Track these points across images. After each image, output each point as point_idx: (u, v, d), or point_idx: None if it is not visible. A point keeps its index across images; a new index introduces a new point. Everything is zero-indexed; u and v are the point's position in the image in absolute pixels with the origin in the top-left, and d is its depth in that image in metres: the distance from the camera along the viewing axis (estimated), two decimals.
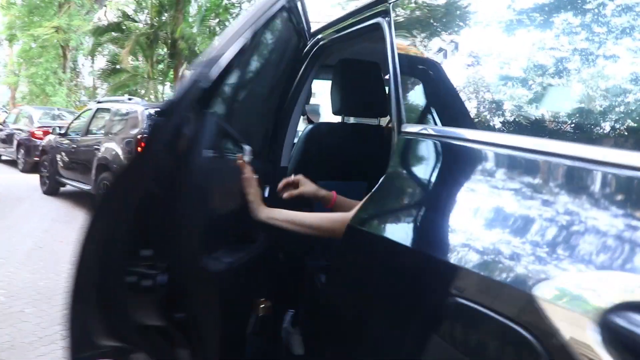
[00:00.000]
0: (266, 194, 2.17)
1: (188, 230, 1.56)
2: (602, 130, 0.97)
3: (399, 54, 1.50)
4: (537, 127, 1.08)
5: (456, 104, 1.33)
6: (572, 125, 1.03)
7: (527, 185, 0.93)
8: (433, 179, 1.18)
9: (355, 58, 2.65)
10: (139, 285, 1.52)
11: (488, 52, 1.34)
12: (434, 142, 1.27)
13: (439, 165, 1.21)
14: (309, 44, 2.45)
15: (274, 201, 2.11)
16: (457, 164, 1.14)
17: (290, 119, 2.50)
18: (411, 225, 1.14)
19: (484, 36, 1.39)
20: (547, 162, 0.94)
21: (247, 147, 1.89)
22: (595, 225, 0.79)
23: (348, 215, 1.65)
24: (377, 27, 1.73)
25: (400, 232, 1.15)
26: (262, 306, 2.00)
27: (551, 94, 1.10)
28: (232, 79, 1.88)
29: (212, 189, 1.65)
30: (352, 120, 3.14)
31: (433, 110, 1.41)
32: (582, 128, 1.01)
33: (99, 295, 1.51)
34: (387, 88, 2.20)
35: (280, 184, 2.10)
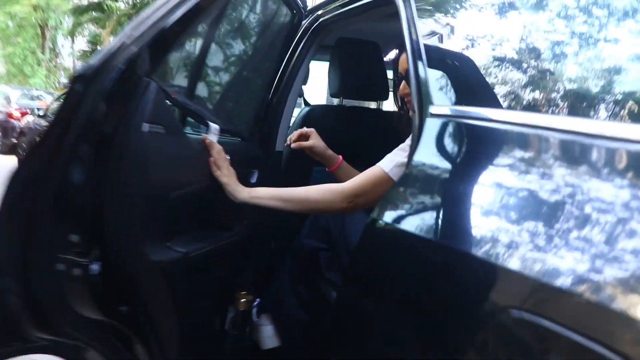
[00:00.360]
0: (253, 180, 2.03)
1: (122, 215, 1.39)
2: None
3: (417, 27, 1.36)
4: (596, 109, 0.95)
5: (487, 82, 1.20)
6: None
7: (596, 174, 0.80)
8: (476, 167, 1.04)
9: (354, 37, 2.51)
10: (69, 273, 1.36)
11: (526, 21, 1.20)
12: (473, 124, 1.13)
13: (481, 151, 1.07)
14: (307, 20, 2.30)
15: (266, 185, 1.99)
16: (503, 150, 1.01)
17: (285, 101, 2.35)
18: (453, 221, 1.00)
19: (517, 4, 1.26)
20: (614, 149, 0.81)
21: (214, 126, 1.69)
22: None
23: (348, 186, 1.59)
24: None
25: (440, 229, 1.01)
26: (242, 300, 1.88)
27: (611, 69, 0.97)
28: (194, 49, 1.76)
29: (156, 169, 1.44)
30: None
31: (463, 89, 1.27)
32: None
33: (26, 281, 1.36)
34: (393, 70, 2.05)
35: (294, 135, 2.03)
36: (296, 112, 2.62)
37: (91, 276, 1.36)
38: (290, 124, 2.50)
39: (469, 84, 1.25)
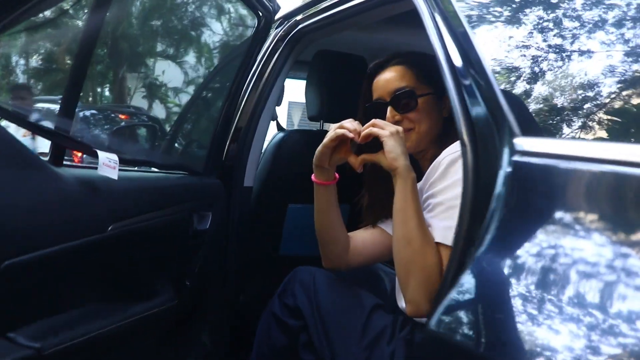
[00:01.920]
0: (206, 225, 1.60)
1: None
2: None
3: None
4: None
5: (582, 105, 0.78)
6: None
7: None
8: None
9: (335, 51, 2.10)
10: None
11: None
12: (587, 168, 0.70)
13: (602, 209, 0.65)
14: (282, 27, 1.88)
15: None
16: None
17: (255, 126, 1.90)
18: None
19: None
20: None
21: (105, 155, 1.20)
22: None
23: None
24: None
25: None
26: None
27: None
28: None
29: None
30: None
31: (551, 115, 0.83)
32: None
33: None
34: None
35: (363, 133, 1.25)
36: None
37: None
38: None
39: (558, 107, 0.83)
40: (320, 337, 1.44)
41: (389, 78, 1.42)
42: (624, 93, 0.73)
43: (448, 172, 1.20)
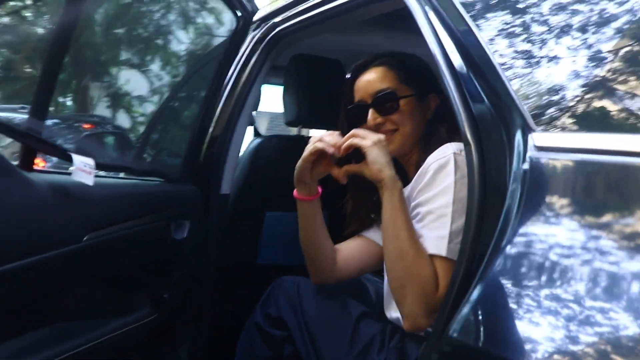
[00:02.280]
0: (183, 234, 1.53)
1: None
2: None
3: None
4: None
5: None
6: None
7: None
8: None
9: (312, 54, 2.06)
10: None
11: None
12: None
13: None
14: (260, 29, 1.83)
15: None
16: None
17: (232, 132, 1.83)
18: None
19: None
20: None
21: (80, 159, 1.12)
22: None
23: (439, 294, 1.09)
24: None
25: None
26: None
27: None
28: None
29: None
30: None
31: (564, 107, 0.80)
32: None
33: None
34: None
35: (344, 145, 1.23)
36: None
37: None
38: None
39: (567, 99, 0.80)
40: (307, 347, 1.39)
41: (370, 79, 1.39)
42: None
43: (436, 179, 1.16)
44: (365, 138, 1.18)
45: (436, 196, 1.15)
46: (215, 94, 1.74)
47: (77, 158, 1.06)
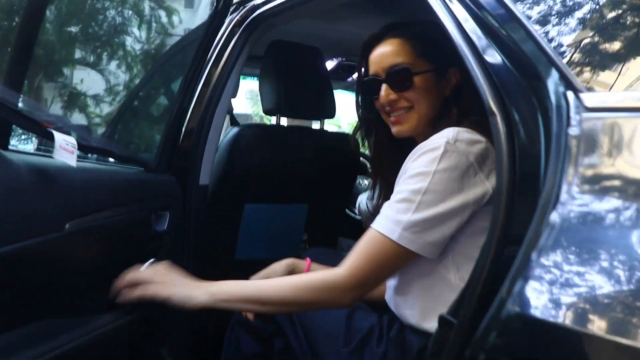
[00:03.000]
0: (163, 226, 1.47)
1: None
2: None
3: None
4: None
5: None
6: None
7: None
8: None
9: (290, 41, 2.00)
10: None
11: None
12: None
13: None
14: (238, 12, 1.75)
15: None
16: None
17: (210, 121, 1.75)
18: None
19: None
20: None
21: (62, 137, 1.01)
22: None
23: (346, 275, 1.11)
24: None
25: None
26: None
27: None
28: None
29: None
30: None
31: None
32: None
33: None
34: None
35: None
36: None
37: None
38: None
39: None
40: (300, 342, 1.33)
41: (384, 52, 1.29)
42: None
43: (418, 160, 1.11)
44: (146, 287, 1.15)
45: (410, 179, 1.10)
46: (193, 80, 1.66)
47: (59, 136, 0.96)
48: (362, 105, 1.44)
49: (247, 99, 16.74)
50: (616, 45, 0.74)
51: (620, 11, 0.77)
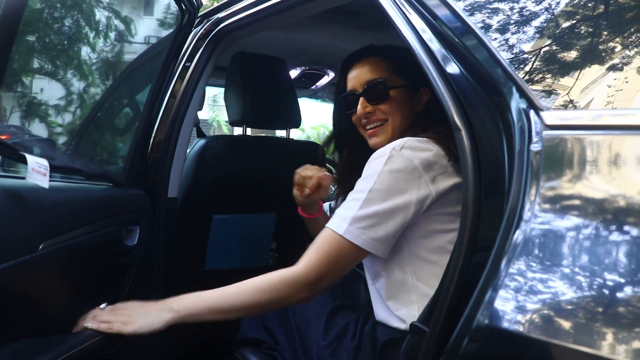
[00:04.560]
0: (133, 241, 1.48)
1: None
2: None
3: None
4: None
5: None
6: None
7: None
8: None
9: (255, 52, 2.01)
10: None
11: None
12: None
13: None
14: (203, 26, 1.77)
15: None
16: None
17: (177, 133, 1.76)
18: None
19: None
20: None
21: (34, 160, 1.01)
22: None
23: (302, 271, 1.16)
24: None
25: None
26: None
27: None
28: None
29: None
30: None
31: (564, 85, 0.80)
32: None
33: None
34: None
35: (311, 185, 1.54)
36: None
37: None
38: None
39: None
40: (294, 329, 1.43)
41: (362, 69, 1.40)
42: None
43: (367, 168, 1.20)
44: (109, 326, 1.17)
45: (359, 182, 1.19)
46: (159, 94, 1.66)
47: (31, 159, 0.97)
48: (339, 120, 1.54)
49: (208, 104, 16.65)
50: (571, 56, 0.79)
51: (573, 21, 0.81)
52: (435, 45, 0.88)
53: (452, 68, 0.84)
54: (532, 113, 0.72)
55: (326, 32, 2.08)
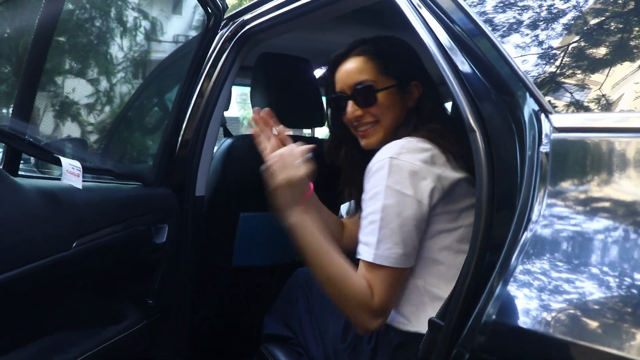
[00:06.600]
0: (162, 239, 1.52)
1: None
2: None
3: None
4: None
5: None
6: None
7: None
8: None
9: (280, 53, 2.04)
10: None
11: None
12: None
13: None
14: (229, 28, 1.80)
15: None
16: None
17: (204, 133, 1.80)
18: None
19: None
20: None
21: (69, 162, 1.08)
22: None
23: (378, 300, 1.13)
24: None
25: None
26: None
27: None
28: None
29: None
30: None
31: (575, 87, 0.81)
32: None
33: None
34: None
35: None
36: None
37: None
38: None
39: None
40: (314, 329, 1.44)
41: (349, 70, 1.37)
42: None
43: (370, 182, 1.18)
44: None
45: (369, 201, 1.17)
46: (187, 94, 1.71)
47: (65, 161, 1.02)
48: (332, 121, 1.52)
49: (237, 102, 16.74)
50: (579, 59, 0.80)
51: (582, 24, 0.83)
52: (450, 45, 0.90)
53: (466, 69, 0.86)
54: (541, 116, 0.74)
55: (351, 33, 2.09)
